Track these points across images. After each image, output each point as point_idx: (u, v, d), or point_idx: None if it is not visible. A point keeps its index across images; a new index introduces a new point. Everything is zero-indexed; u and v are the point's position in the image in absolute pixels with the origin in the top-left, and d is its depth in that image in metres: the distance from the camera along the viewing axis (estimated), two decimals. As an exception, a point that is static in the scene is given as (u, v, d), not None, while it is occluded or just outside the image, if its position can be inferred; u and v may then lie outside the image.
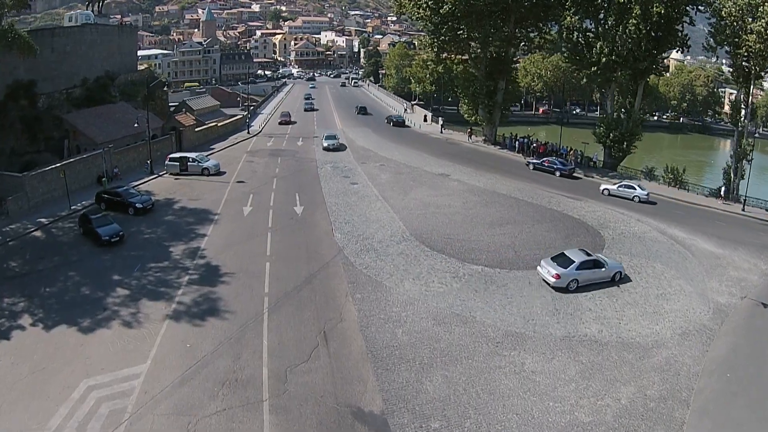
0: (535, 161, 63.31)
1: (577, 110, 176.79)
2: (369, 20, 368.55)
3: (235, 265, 34.67)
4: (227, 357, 25.48)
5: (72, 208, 46.65)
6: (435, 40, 70.76)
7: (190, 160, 56.12)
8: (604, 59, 60.59)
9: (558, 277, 32.48)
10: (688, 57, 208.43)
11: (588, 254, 34.30)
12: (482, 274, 34.48)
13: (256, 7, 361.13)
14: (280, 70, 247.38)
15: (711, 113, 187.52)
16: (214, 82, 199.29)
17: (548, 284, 32.99)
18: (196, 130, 71.84)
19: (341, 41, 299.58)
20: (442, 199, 48.48)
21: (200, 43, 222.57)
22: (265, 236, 39.19)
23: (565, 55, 70.48)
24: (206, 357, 25.46)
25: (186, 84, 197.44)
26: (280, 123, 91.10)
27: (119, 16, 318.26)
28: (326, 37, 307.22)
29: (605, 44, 60.43)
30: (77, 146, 61.06)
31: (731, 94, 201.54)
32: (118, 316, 29.17)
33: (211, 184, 52.91)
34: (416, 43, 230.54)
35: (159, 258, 36.22)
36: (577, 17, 64.20)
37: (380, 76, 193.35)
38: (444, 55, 74.28)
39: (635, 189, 53.87)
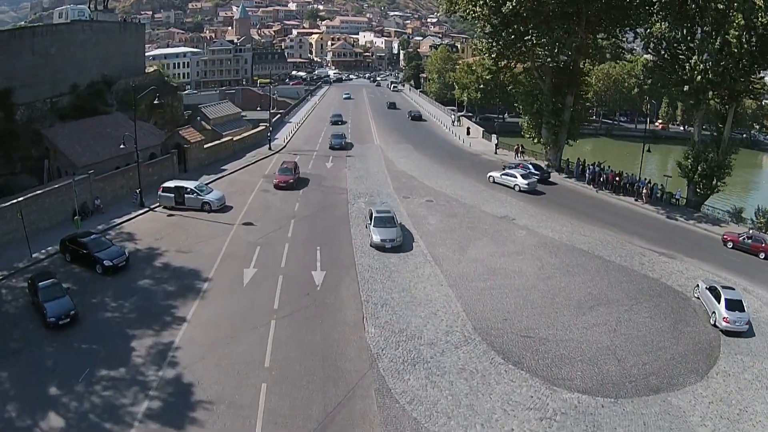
0: (505, 166, 59.62)
1: (624, 120, 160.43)
2: (408, 21, 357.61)
3: (215, 388, 23.17)
4: None
5: (33, 256, 36.34)
6: (494, 45, 58.55)
7: (188, 191, 45.00)
8: (699, 77, 47.96)
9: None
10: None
11: (731, 287, 32.11)
12: (580, 410, 22.65)
13: (292, 6, 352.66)
14: (316, 71, 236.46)
15: (759, 127, 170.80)
16: (244, 82, 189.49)
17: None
18: (206, 146, 60.57)
19: (380, 42, 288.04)
20: (510, 261, 36.40)
21: (231, 42, 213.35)
22: (267, 327, 27.62)
23: (648, 68, 58.14)
24: None
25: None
26: (276, 185, 51.12)
27: (150, 12, 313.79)
28: (364, 37, 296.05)
29: (700, 59, 47.77)
30: (58, 168, 50.67)
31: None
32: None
33: (210, 225, 41.73)
34: (458, 45, 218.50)
35: (115, 360, 25.28)
36: (666, 25, 51.63)
37: (421, 80, 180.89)
38: (502, 63, 62.05)
39: (516, 177, 53.55)
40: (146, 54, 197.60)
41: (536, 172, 56.62)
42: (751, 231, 43.84)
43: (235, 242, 38.13)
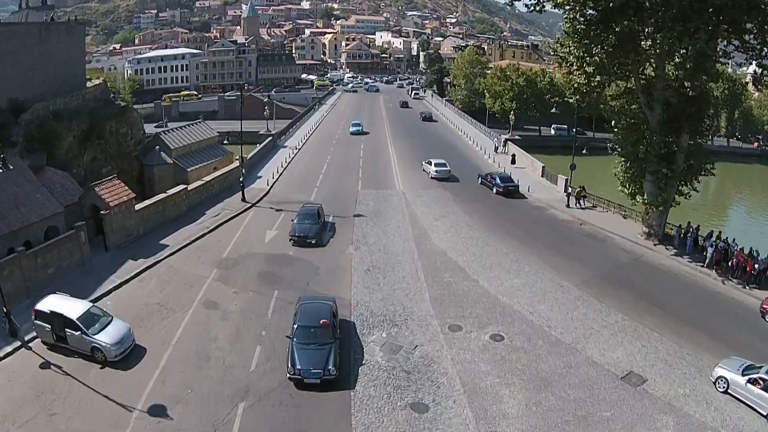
0: (482, 175, 57.73)
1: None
2: (427, 21, 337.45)
3: None
4: None
5: None
6: (595, 52, 37.24)
7: (70, 323, 24.96)
8: None
9: None
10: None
11: None
12: None
13: (305, 4, 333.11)
14: (329, 74, 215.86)
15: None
16: (246, 86, 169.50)
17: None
18: (138, 208, 39.78)
19: (398, 43, 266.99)
20: None
21: (234, 42, 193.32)
22: None
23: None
24: None
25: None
26: None
27: (155, 11, 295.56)
28: (381, 38, 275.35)
29: None
30: None
31: None
32: None
33: (93, 405, 21.67)
34: (485, 47, 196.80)
35: None
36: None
37: (445, 86, 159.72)
38: (596, 81, 40.58)
39: (431, 166, 58.18)
40: (144, 56, 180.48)
41: (501, 184, 53.33)
42: None
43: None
